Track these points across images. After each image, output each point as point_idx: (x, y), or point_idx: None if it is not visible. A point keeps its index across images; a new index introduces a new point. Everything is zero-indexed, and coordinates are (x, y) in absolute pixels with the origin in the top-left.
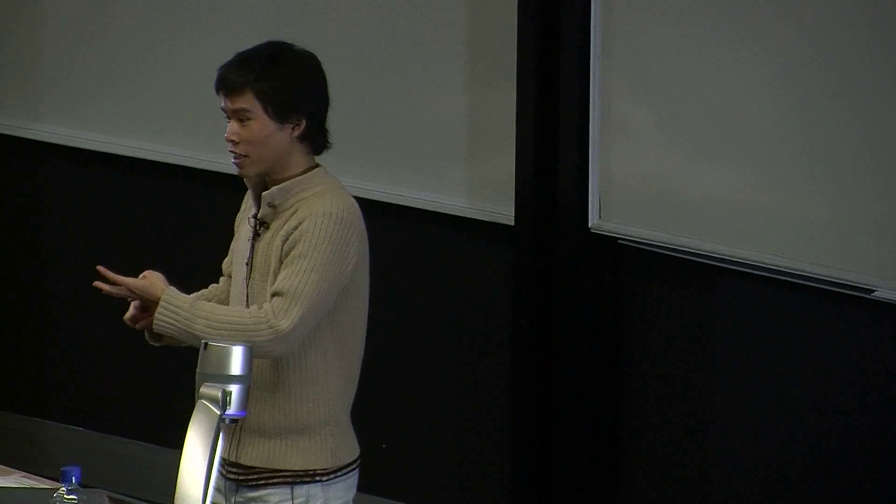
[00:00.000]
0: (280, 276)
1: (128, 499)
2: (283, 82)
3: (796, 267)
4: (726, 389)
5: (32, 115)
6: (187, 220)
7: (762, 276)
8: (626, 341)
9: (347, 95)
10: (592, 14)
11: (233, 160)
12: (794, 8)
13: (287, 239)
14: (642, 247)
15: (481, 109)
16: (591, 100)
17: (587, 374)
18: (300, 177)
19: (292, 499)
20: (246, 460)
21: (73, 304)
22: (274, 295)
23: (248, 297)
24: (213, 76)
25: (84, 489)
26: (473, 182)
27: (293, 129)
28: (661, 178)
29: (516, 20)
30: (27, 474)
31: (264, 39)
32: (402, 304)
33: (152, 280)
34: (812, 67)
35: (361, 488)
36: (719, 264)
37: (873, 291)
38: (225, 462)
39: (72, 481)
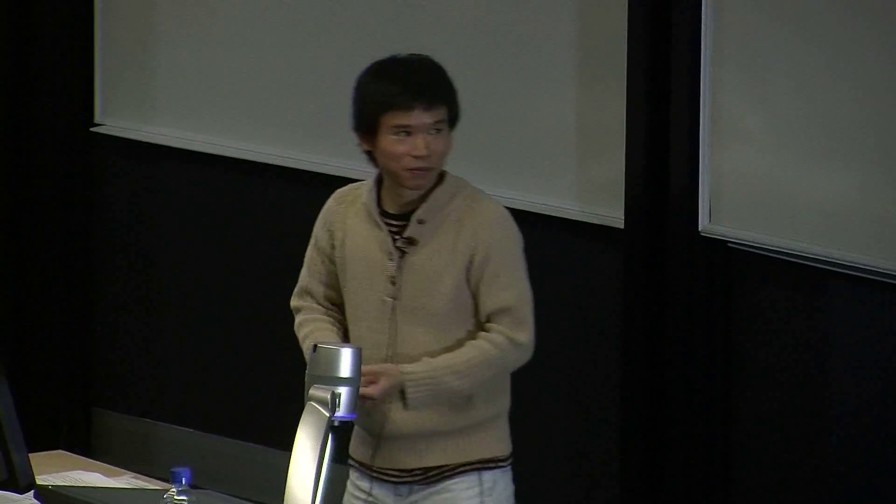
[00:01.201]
0: (490, 293)
1: (237, 500)
2: (455, 89)
3: None
4: (837, 394)
5: (144, 117)
6: (290, 220)
7: (873, 279)
8: (736, 345)
9: (464, 100)
10: (703, 14)
11: (415, 174)
12: None
13: (470, 254)
14: (753, 250)
15: (591, 111)
16: (701, 101)
17: (698, 378)
18: (439, 188)
19: (480, 484)
20: (431, 461)
21: (182, 306)
22: (494, 312)
23: (395, 314)
24: (320, 79)
25: (194, 490)
26: (583, 185)
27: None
28: (771, 181)
29: (626, 20)
30: (137, 475)
31: (376, 46)
32: None
33: (385, 373)
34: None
35: None
36: (830, 268)
37: None
38: (402, 471)
39: (182, 482)
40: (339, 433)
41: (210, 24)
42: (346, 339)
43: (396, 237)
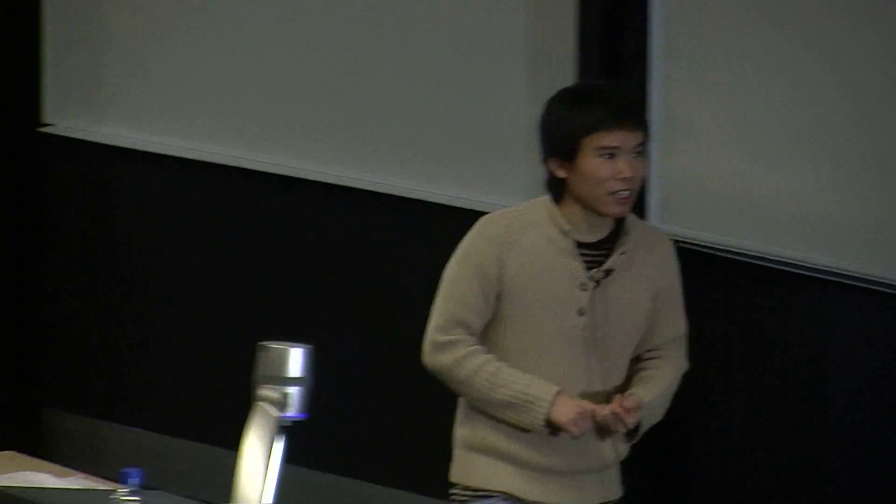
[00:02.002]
0: (671, 320)
1: (188, 500)
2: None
3: (861, 270)
4: (790, 391)
5: (94, 118)
6: (240, 219)
7: (826, 279)
8: (691, 343)
9: (411, 100)
10: (653, 13)
11: (619, 198)
12: (860, 6)
13: (658, 282)
14: (705, 250)
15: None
16: (652, 100)
17: None
18: (629, 216)
19: None
20: (614, 495)
21: (133, 306)
22: (672, 339)
23: (583, 347)
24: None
25: (144, 490)
26: (536, 184)
27: None
28: (724, 180)
29: (577, 20)
30: (88, 475)
31: (328, 43)
32: None
33: (639, 405)
34: (878, 66)
35: (429, 491)
36: (783, 267)
37: None
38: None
39: (132, 482)
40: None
41: (159, 21)
42: None
43: (588, 267)
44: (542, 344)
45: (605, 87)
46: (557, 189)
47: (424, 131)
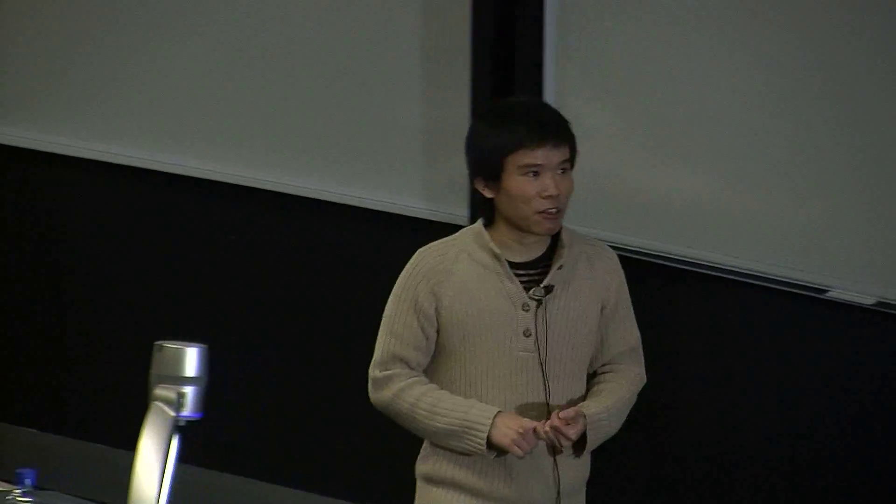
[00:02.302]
0: (620, 333)
1: (83, 501)
2: (574, 135)
3: (755, 268)
4: (687, 388)
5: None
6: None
7: (724, 277)
8: None
9: (306, 100)
10: (547, 12)
11: (549, 216)
12: (752, 4)
13: (605, 295)
14: None
15: (437, 110)
16: (546, 99)
17: None
18: (564, 230)
19: None
20: None
21: (30, 308)
22: (622, 352)
23: (535, 368)
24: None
25: (39, 491)
26: (429, 183)
27: None
28: (618, 179)
29: (470, 19)
30: None
31: (234, 49)
32: (357, 306)
33: (581, 417)
34: (776, 65)
35: (321, 489)
36: (676, 265)
37: (827, 291)
38: None
39: (27, 483)
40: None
41: (65, 19)
42: None
43: (526, 287)
44: (490, 371)
45: (526, 104)
46: (488, 211)
47: (319, 132)
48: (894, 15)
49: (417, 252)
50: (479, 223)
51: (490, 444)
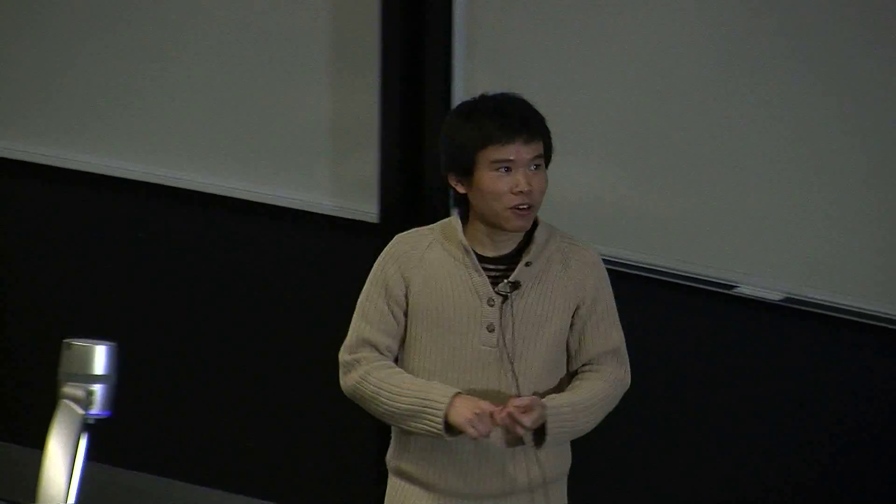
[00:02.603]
0: (599, 334)
1: None
2: (549, 132)
3: (663, 264)
4: None
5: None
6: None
7: (630, 273)
8: None
9: (213, 96)
10: (455, 8)
11: (520, 212)
12: (660, 2)
13: (580, 296)
14: None
15: (345, 107)
16: (454, 95)
17: None
18: (540, 228)
19: None
20: None
21: None
22: (600, 354)
23: (495, 363)
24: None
25: None
26: (338, 180)
27: None
28: None
29: (379, 17)
30: None
31: (133, 43)
32: (269, 303)
33: (539, 404)
34: (674, 63)
35: (234, 488)
36: None
37: (736, 287)
38: None
39: None
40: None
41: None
42: None
43: (494, 282)
44: (453, 362)
45: (500, 98)
46: (463, 206)
47: (226, 129)
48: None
49: (395, 237)
50: (456, 215)
51: (448, 426)
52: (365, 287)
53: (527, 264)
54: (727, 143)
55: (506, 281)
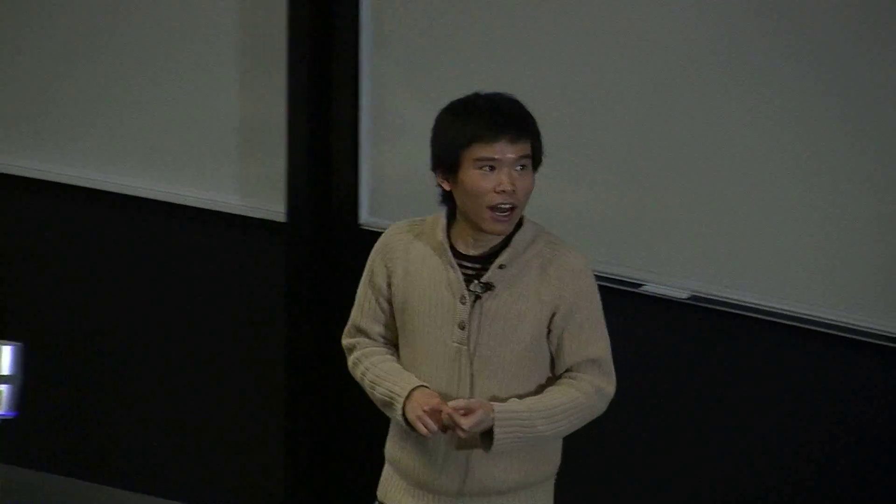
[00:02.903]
0: (577, 343)
1: None
2: (539, 134)
3: None
4: None
5: None
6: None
7: None
8: None
9: (122, 94)
10: (363, 9)
11: (500, 214)
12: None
13: (556, 303)
14: None
15: (254, 107)
16: (362, 96)
17: None
18: (519, 233)
19: None
20: None
21: None
22: (580, 363)
23: (472, 361)
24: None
25: None
26: (245, 180)
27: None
28: (430, 174)
29: (287, 17)
30: None
31: (40, 39)
32: (175, 302)
33: (481, 407)
34: (582, 50)
35: (137, 487)
36: None
37: (642, 285)
38: None
39: None
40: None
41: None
42: None
43: (470, 280)
44: (421, 356)
45: (490, 97)
46: (449, 203)
47: (134, 127)
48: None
49: (389, 227)
50: (444, 211)
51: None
52: (362, 276)
53: (500, 266)
54: (636, 144)
55: (477, 281)
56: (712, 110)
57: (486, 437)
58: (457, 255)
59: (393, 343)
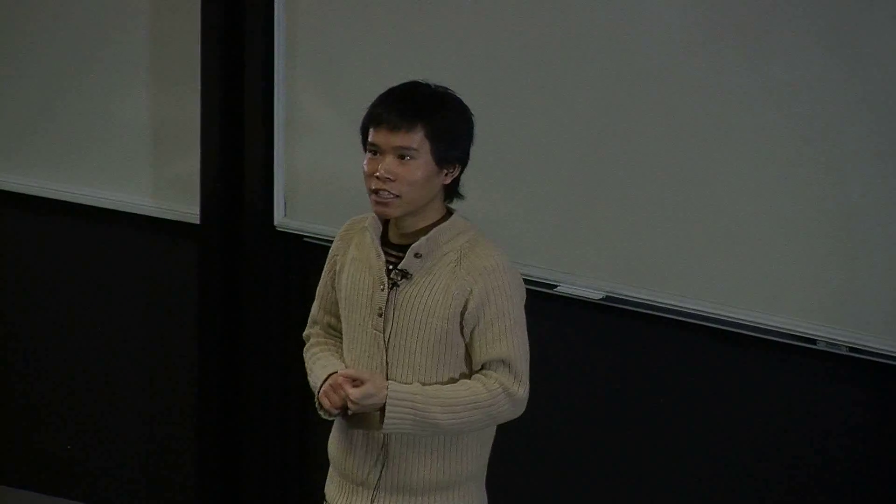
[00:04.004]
0: (486, 342)
1: None
2: (452, 125)
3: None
4: None
5: None
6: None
7: None
8: None
9: (32, 95)
10: (276, 11)
11: (378, 198)
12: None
13: (465, 298)
14: (329, 244)
15: (166, 108)
16: (275, 98)
17: (274, 370)
18: (442, 224)
19: None
20: None
21: None
22: (490, 362)
23: (387, 349)
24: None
25: None
26: (158, 181)
27: (446, 174)
28: (345, 176)
29: (199, 18)
30: None
31: None
32: (87, 304)
33: (372, 380)
34: (496, 65)
35: (49, 490)
36: None
37: (557, 286)
38: None
39: None
40: None
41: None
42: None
43: (392, 268)
44: (354, 343)
45: (404, 86)
46: None
47: (44, 128)
48: None
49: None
50: None
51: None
52: None
53: (416, 255)
54: (539, 149)
55: (395, 269)
56: (632, 113)
57: (382, 414)
58: (387, 243)
59: (339, 331)
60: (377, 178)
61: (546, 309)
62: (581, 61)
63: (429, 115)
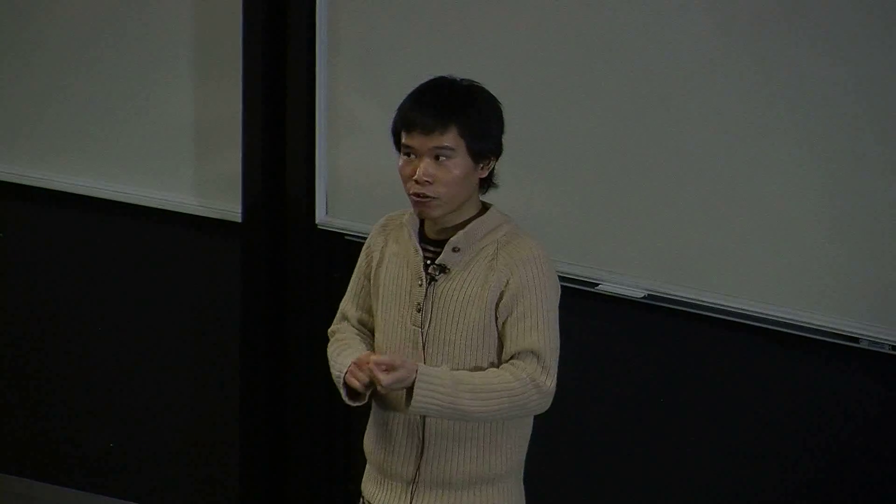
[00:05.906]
0: (517, 333)
1: None
2: (484, 119)
3: None
4: None
5: None
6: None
7: None
8: None
9: (76, 96)
10: (318, 9)
11: (418, 199)
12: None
13: (500, 290)
14: None
15: (208, 107)
16: (317, 96)
17: (318, 369)
18: (479, 218)
19: None
20: None
21: None
22: (520, 353)
23: (424, 343)
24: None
25: None
26: (201, 179)
27: (482, 168)
28: (387, 174)
29: (241, 15)
30: None
31: None
32: (133, 303)
33: (403, 366)
34: (537, 63)
35: (96, 488)
36: None
37: (598, 284)
38: None
39: None
40: None
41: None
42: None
43: (430, 263)
44: (390, 339)
45: (434, 84)
46: None
47: (89, 128)
48: None
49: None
50: None
51: (356, 393)
52: None
53: (454, 249)
54: (578, 145)
55: (434, 263)
56: (673, 110)
57: (409, 397)
58: (424, 239)
59: (370, 328)
60: (416, 181)
61: (587, 307)
62: (623, 58)
63: (461, 113)
